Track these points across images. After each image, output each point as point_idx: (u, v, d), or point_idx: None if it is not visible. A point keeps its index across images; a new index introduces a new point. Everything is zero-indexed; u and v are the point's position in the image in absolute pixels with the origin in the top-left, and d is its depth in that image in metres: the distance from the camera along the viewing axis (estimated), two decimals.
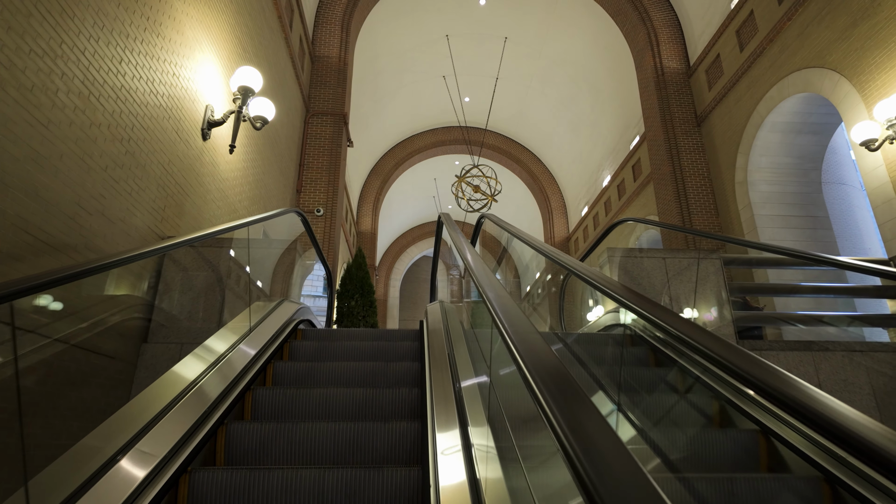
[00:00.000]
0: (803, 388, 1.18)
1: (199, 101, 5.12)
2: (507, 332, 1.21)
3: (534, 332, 1.21)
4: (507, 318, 1.30)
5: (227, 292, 4.10)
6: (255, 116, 5.58)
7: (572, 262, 2.67)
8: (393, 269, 27.45)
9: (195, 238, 2.51)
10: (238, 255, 4.42)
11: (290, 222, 4.74)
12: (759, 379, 1.25)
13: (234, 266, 4.27)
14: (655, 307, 1.94)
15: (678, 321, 1.79)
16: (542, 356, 1.01)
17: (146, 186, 4.13)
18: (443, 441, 1.82)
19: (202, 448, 2.08)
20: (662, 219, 10.22)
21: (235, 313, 3.48)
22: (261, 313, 3.10)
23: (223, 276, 4.11)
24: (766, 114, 8.38)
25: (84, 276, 1.97)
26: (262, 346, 2.58)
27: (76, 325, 3.19)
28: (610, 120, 14.94)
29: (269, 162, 7.63)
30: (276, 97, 7.94)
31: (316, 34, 10.55)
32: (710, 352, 1.45)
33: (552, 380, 0.86)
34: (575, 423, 0.69)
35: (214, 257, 4.30)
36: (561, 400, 0.77)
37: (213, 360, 2.38)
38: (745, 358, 1.35)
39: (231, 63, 6.02)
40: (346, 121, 9.94)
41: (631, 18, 11.56)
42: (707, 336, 1.56)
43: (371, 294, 9.02)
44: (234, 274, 4.15)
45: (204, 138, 5.23)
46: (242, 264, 4.43)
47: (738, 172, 9.03)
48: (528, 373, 0.92)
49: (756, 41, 8.61)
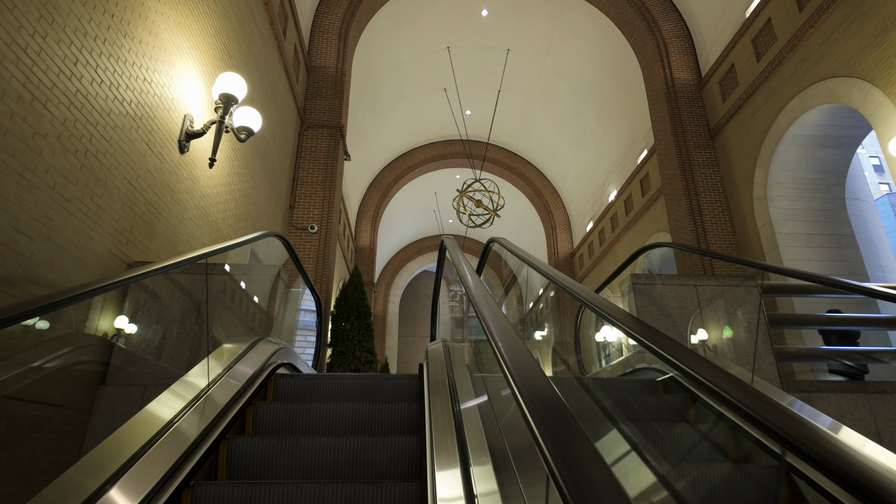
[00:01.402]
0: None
1: (176, 110, 4.64)
2: (539, 439, 0.72)
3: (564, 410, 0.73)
4: (532, 404, 0.82)
5: (203, 327, 3.57)
6: (240, 127, 5.10)
7: (590, 296, 2.17)
8: (392, 284, 26.90)
9: (130, 279, 1.98)
10: (217, 285, 3.90)
11: (273, 246, 4.22)
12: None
13: (214, 297, 3.75)
14: (684, 353, 1.48)
15: (704, 367, 1.34)
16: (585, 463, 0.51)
17: (107, 205, 3.62)
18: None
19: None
20: (676, 237, 9.71)
21: (201, 359, 2.94)
22: (223, 363, 2.57)
23: (196, 310, 3.59)
24: (786, 126, 7.91)
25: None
26: (212, 421, 2.04)
27: (7, 373, 2.66)
28: (616, 133, 14.51)
29: (259, 176, 7.14)
30: (268, 108, 7.48)
31: (312, 43, 10.14)
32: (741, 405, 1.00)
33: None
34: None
35: (190, 286, 3.78)
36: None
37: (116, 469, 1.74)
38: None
39: (215, 70, 5.55)
40: (342, 133, 9.49)
41: (639, 29, 11.18)
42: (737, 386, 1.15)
43: (367, 316, 8.49)
44: (210, 308, 3.62)
45: (181, 151, 4.74)
46: (223, 294, 3.91)
47: (757, 188, 8.54)
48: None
49: (774, 50, 8.17)
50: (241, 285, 3.67)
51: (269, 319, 4.01)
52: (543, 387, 0.97)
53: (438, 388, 2.54)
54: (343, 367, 7.92)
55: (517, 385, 0.98)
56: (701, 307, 4.06)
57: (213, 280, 3.48)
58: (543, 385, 0.98)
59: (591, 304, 2.03)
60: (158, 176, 4.35)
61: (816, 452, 0.96)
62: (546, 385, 0.98)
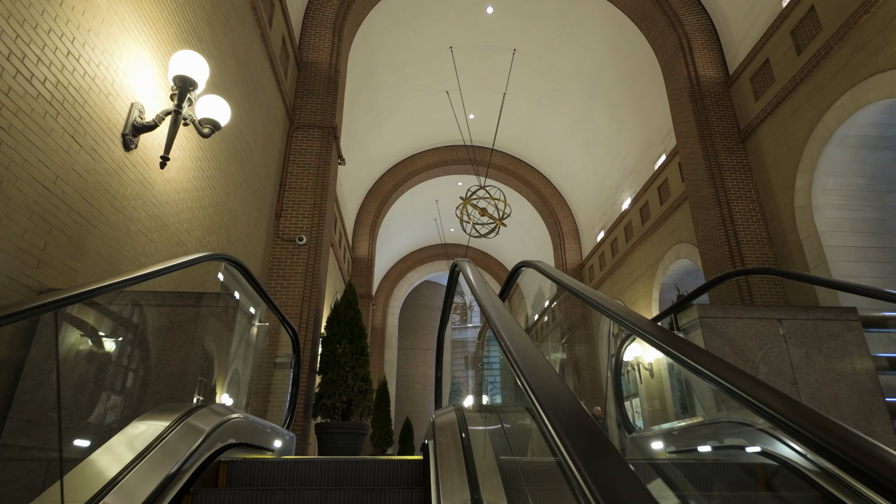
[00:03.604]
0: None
1: (118, 96, 3.73)
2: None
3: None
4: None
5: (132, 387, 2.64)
6: (203, 119, 4.19)
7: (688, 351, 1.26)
8: (392, 295, 25.93)
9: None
10: (154, 326, 2.97)
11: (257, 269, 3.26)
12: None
13: (149, 347, 2.81)
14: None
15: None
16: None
17: (4, 215, 2.70)
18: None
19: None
20: (704, 250, 8.78)
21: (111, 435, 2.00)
22: (128, 453, 1.65)
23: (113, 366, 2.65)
24: (835, 126, 7.00)
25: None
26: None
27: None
28: (630, 137, 13.62)
29: (237, 181, 6.22)
30: (249, 103, 6.59)
31: (304, 37, 9.27)
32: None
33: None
34: None
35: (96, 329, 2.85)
36: None
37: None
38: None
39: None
40: (336, 134, 8.59)
41: (658, 24, 10.32)
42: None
43: (362, 339, 7.53)
44: (134, 364, 2.69)
45: (127, 147, 3.82)
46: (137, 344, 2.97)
47: (799, 195, 7.62)
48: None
49: (819, 41, 7.29)
50: (183, 327, 2.72)
51: (222, 370, 3.06)
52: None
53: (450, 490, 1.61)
54: (333, 397, 6.96)
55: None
56: (789, 349, 3.12)
57: (141, 318, 2.54)
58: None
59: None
60: (91, 178, 3.43)
61: None
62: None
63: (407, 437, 18.98)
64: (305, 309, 7.33)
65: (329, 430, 6.72)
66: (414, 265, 26.42)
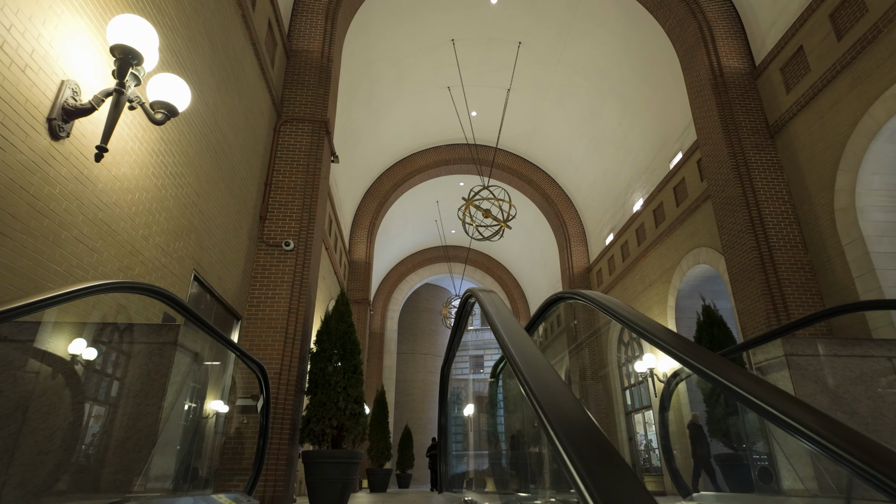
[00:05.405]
0: None
1: (41, 70, 2.98)
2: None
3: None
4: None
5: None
6: (155, 102, 3.44)
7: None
8: (391, 298, 25.17)
9: None
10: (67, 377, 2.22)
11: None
12: None
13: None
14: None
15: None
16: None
17: None
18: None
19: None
20: (730, 255, 8.02)
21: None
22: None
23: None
24: (884, 119, 6.26)
25: None
26: None
27: None
28: (642, 135, 12.87)
29: (211, 179, 5.47)
30: (227, 91, 5.84)
31: (293, 24, 8.53)
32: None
33: None
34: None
35: None
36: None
37: None
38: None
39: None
40: (328, 129, 7.84)
41: (676, 12, 9.58)
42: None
43: (356, 355, 6.78)
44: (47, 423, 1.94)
45: (55, 135, 3.08)
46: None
47: (840, 196, 6.87)
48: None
49: (865, 24, 6.54)
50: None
51: (149, 442, 2.27)
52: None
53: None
54: (322, 422, 6.20)
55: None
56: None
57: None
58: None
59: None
60: (1, 172, 2.69)
61: None
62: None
63: (406, 446, 18.20)
64: (292, 322, 6.58)
65: (317, 458, 5.97)
66: (414, 268, 25.66)
